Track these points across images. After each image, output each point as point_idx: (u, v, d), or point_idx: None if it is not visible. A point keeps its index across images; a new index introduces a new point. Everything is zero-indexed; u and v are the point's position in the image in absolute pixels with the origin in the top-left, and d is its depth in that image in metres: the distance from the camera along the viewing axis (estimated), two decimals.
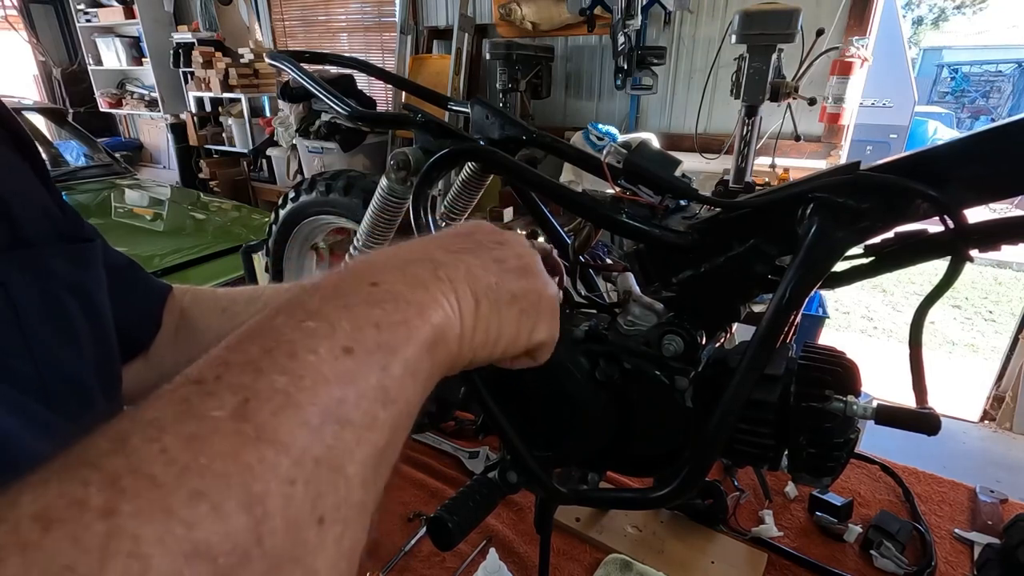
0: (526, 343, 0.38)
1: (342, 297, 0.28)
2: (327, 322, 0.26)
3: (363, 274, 0.30)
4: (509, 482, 0.59)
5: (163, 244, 2.77)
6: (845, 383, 0.52)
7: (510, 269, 0.37)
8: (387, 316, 0.28)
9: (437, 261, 0.34)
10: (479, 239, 0.38)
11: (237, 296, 0.65)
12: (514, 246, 0.39)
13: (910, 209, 0.48)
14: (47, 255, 0.42)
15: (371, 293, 0.29)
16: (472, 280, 0.34)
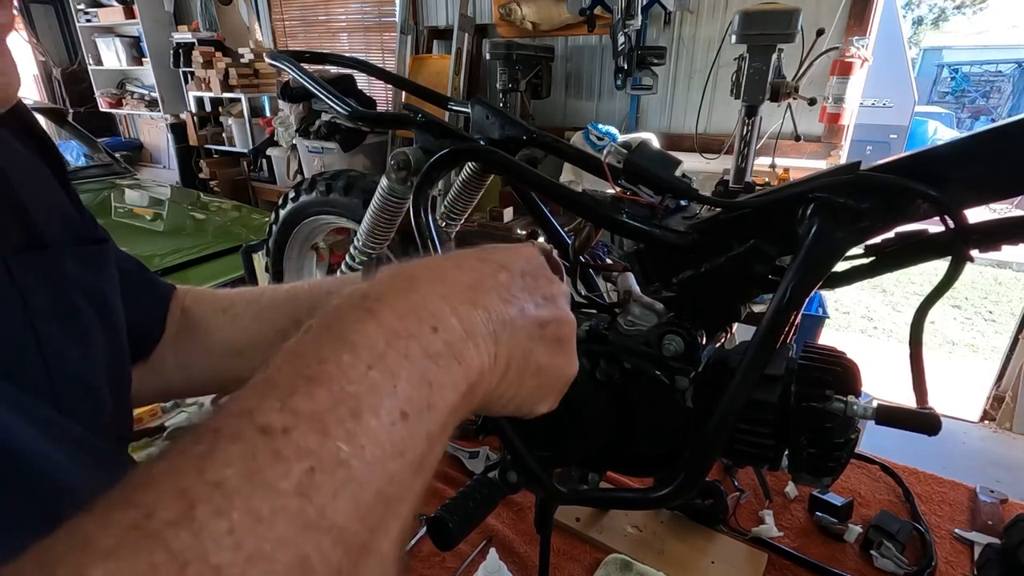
0: (529, 411, 0.38)
1: (404, 340, 0.27)
2: (390, 374, 0.26)
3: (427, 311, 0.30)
4: (509, 482, 0.59)
5: (163, 244, 2.77)
6: (845, 383, 0.52)
7: (548, 338, 0.36)
8: (440, 375, 0.28)
9: (492, 313, 0.33)
10: (529, 286, 0.36)
11: (237, 297, 0.65)
12: (561, 307, 0.38)
13: (910, 209, 0.48)
14: (62, 256, 0.42)
15: (431, 342, 0.28)
16: (513, 344, 0.34)
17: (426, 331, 0.29)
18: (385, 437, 0.24)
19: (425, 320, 0.29)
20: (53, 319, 0.39)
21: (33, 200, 0.42)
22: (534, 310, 0.36)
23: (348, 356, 0.25)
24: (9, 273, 0.37)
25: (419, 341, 0.28)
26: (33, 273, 0.39)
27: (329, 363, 0.25)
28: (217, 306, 0.64)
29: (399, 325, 0.28)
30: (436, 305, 0.30)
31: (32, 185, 0.43)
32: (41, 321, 0.38)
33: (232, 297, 0.65)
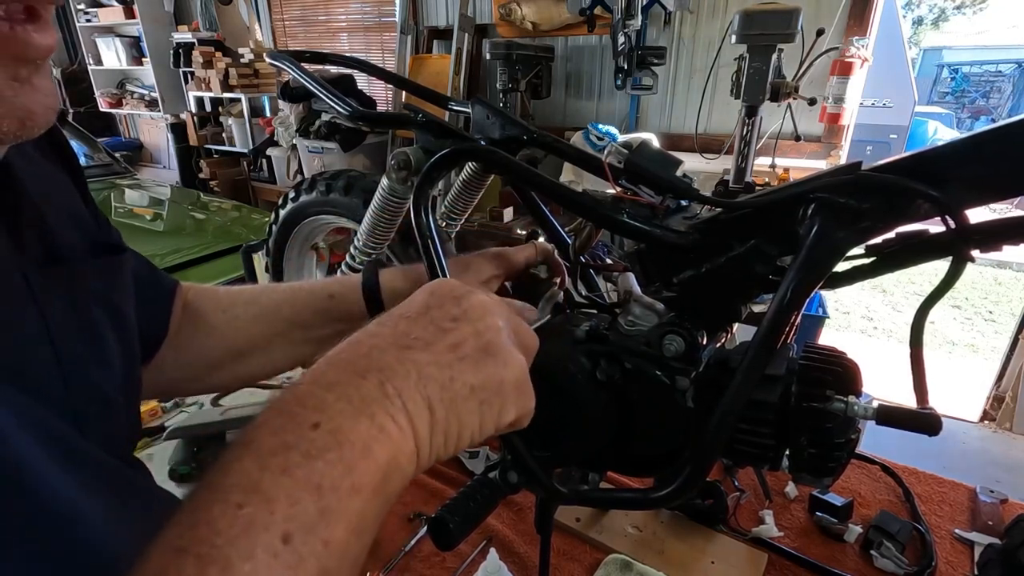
0: (494, 428, 0.37)
1: (282, 454, 0.27)
2: (264, 502, 0.26)
3: (306, 408, 0.29)
4: (509, 482, 0.59)
5: (163, 244, 2.77)
6: (846, 383, 0.52)
7: (466, 355, 0.35)
8: (329, 470, 0.28)
9: (386, 371, 0.32)
10: (434, 317, 0.36)
11: (237, 297, 0.65)
12: (473, 320, 0.37)
13: (911, 209, 0.48)
14: (80, 269, 0.42)
15: (312, 441, 0.28)
16: (424, 385, 0.33)
17: (305, 433, 0.28)
18: (265, 573, 0.24)
19: (304, 421, 0.29)
20: (71, 333, 0.39)
21: (53, 211, 0.42)
22: (441, 338, 0.35)
23: (218, 507, 0.25)
24: (30, 288, 0.37)
25: (298, 448, 0.28)
26: (53, 287, 0.39)
27: (199, 525, 0.25)
28: (217, 305, 0.64)
29: (274, 442, 0.28)
30: (319, 398, 0.30)
31: (51, 195, 0.43)
32: (59, 336, 0.38)
33: (232, 296, 0.65)
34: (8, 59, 0.28)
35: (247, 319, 0.64)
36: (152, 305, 0.56)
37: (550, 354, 0.56)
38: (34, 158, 0.43)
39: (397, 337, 0.35)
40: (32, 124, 0.30)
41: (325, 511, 0.27)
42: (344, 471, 0.28)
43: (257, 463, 0.27)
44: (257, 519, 0.25)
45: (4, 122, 0.28)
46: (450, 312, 0.37)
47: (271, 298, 0.65)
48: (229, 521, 0.25)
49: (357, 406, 0.30)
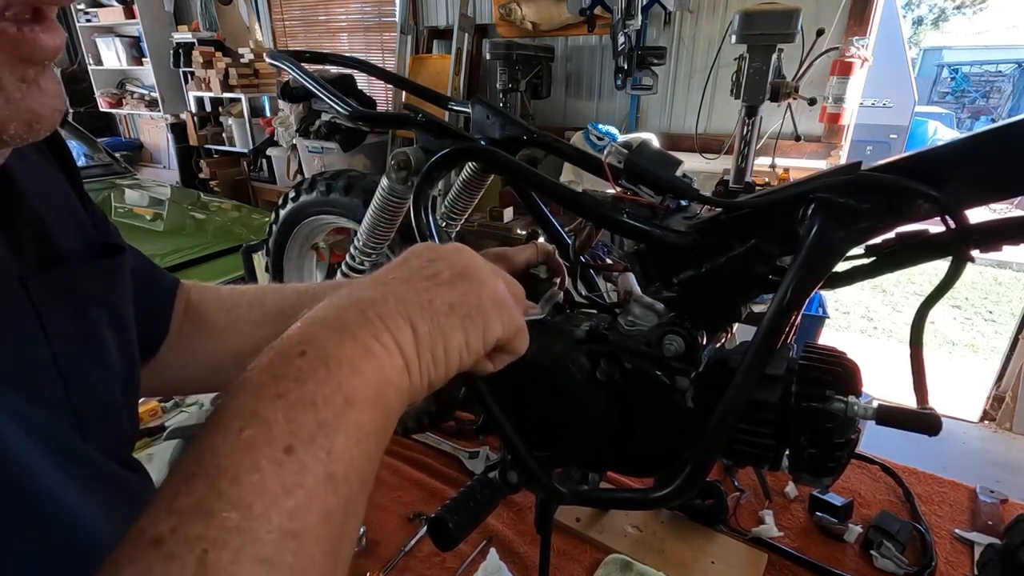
0: (481, 345, 0.38)
1: (273, 383, 0.29)
2: (263, 423, 0.27)
3: (292, 342, 0.31)
4: (509, 482, 0.59)
5: (163, 244, 2.77)
6: (846, 383, 0.52)
7: (443, 281, 0.37)
8: (320, 388, 0.29)
9: (365, 300, 0.34)
10: (411, 262, 0.39)
11: (240, 298, 0.65)
12: (447, 256, 0.39)
13: (911, 209, 0.48)
14: (79, 272, 0.42)
15: (300, 367, 0.30)
16: (403, 307, 0.35)
17: (293, 361, 0.30)
18: (272, 482, 0.26)
19: (291, 352, 0.30)
20: (71, 338, 0.39)
21: (50, 213, 0.42)
22: (418, 273, 0.37)
23: (220, 435, 0.27)
24: (28, 294, 0.37)
25: (287, 375, 0.29)
26: (51, 292, 0.39)
27: (204, 453, 0.26)
28: (221, 305, 0.64)
29: (265, 376, 0.29)
30: (303, 332, 0.32)
31: (49, 197, 0.43)
32: (59, 341, 0.38)
33: (236, 297, 0.65)
34: (16, 61, 0.27)
35: (251, 321, 0.63)
36: (153, 305, 0.56)
37: (551, 354, 0.57)
38: (31, 159, 0.43)
39: (376, 279, 0.37)
40: (39, 127, 0.30)
41: (322, 423, 0.28)
42: (335, 387, 0.30)
43: (252, 394, 0.29)
44: (258, 438, 0.27)
45: (12, 125, 0.28)
46: (426, 256, 0.39)
47: (276, 301, 0.64)
48: (232, 445, 0.26)
49: (340, 332, 0.32)
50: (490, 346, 0.39)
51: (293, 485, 0.26)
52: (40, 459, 0.29)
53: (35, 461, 0.29)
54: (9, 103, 0.28)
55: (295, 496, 0.26)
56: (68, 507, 0.29)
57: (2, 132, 0.28)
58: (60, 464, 0.30)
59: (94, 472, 0.34)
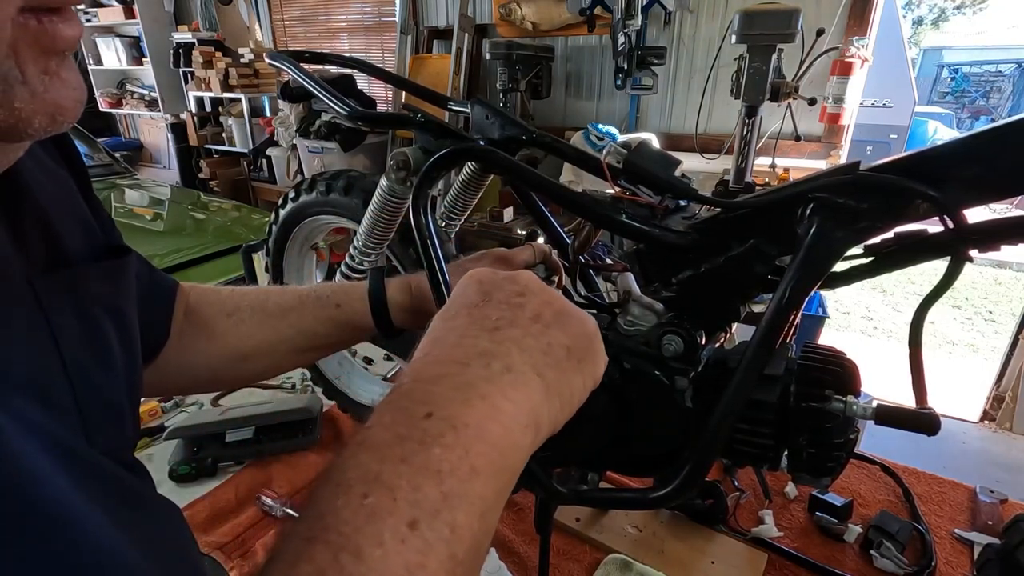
0: (593, 383, 0.38)
1: (398, 445, 0.28)
2: (387, 491, 0.26)
3: (417, 402, 0.30)
4: None
5: (163, 244, 2.77)
6: (845, 383, 0.52)
7: (551, 322, 0.36)
8: (446, 455, 0.28)
9: (487, 353, 0.33)
10: (500, 299, 0.37)
11: (241, 300, 0.64)
12: (536, 292, 0.38)
13: (910, 209, 0.48)
14: (85, 274, 0.42)
15: (426, 431, 0.29)
16: (527, 357, 0.34)
17: (419, 423, 0.29)
18: (395, 560, 0.25)
19: (416, 413, 0.29)
20: (78, 342, 0.39)
21: (58, 215, 0.42)
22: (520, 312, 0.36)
23: (342, 499, 0.26)
24: (36, 297, 0.36)
25: (413, 437, 0.28)
26: (58, 295, 0.38)
27: (326, 515, 0.26)
28: (222, 308, 0.63)
29: (388, 435, 0.29)
30: (426, 391, 0.31)
31: (56, 197, 0.43)
32: (66, 344, 0.37)
33: (237, 300, 0.64)
34: (38, 52, 0.27)
35: (252, 324, 0.63)
36: (153, 308, 0.56)
37: None
38: (39, 157, 0.43)
39: (479, 322, 0.35)
40: (62, 118, 0.30)
41: (447, 495, 0.27)
42: (461, 454, 0.29)
43: (375, 456, 0.28)
44: (382, 507, 0.26)
45: (36, 118, 0.28)
46: (512, 289, 0.37)
47: (277, 304, 0.64)
48: (354, 510, 0.26)
49: (466, 391, 0.31)
50: (599, 381, 0.39)
51: (416, 566, 0.25)
52: (49, 464, 0.29)
53: (43, 467, 0.29)
54: (34, 97, 0.27)
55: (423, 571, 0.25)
56: (75, 514, 0.29)
57: (27, 126, 0.28)
58: (68, 469, 0.30)
59: (100, 476, 0.34)
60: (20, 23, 0.26)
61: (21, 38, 0.26)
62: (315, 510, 0.26)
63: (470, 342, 0.34)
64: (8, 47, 0.25)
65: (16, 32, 0.25)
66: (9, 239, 0.36)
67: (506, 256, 0.67)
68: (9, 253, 0.36)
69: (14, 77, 0.26)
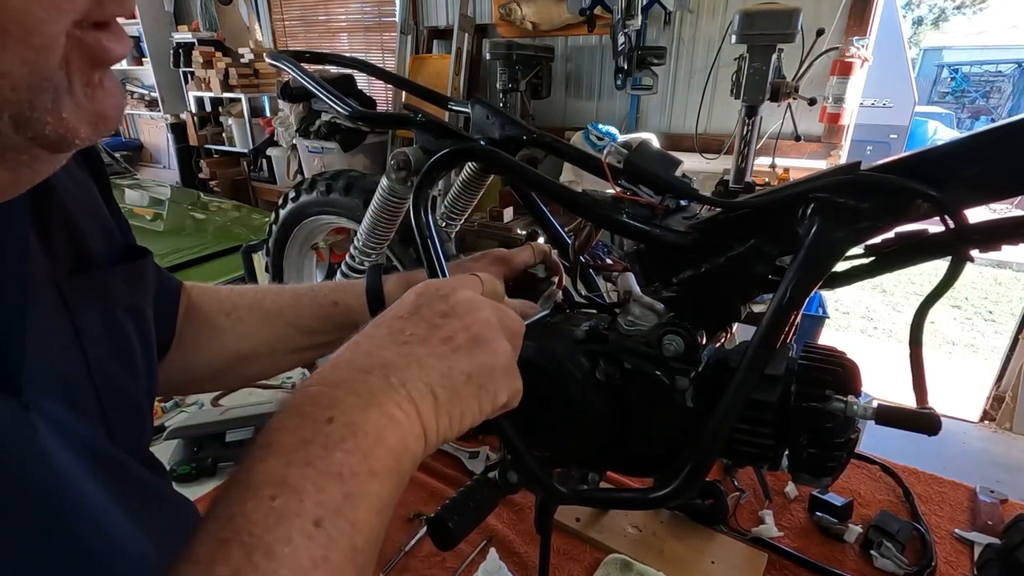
0: (491, 410, 0.39)
1: (303, 449, 0.30)
2: (293, 492, 0.28)
3: (320, 406, 0.32)
4: (509, 482, 0.59)
5: (163, 244, 2.77)
6: (845, 383, 0.52)
7: (459, 347, 0.38)
8: (347, 459, 0.30)
9: (389, 365, 0.35)
10: (425, 315, 0.39)
11: (240, 300, 0.65)
12: (461, 315, 0.39)
13: (910, 209, 0.48)
14: (108, 276, 0.43)
15: (329, 435, 0.31)
16: (425, 374, 0.36)
17: (322, 427, 0.31)
18: (303, 555, 0.27)
19: (319, 418, 0.31)
20: (101, 342, 0.40)
21: (82, 217, 0.42)
22: (434, 333, 0.38)
23: (252, 502, 0.28)
24: (63, 299, 0.37)
25: (316, 441, 0.30)
26: (83, 297, 0.39)
27: (237, 517, 0.27)
28: (221, 308, 0.64)
29: (293, 439, 0.30)
30: (329, 396, 0.33)
31: (79, 200, 0.43)
32: (91, 346, 0.38)
33: (235, 299, 0.65)
34: (86, 65, 0.28)
35: (250, 323, 0.64)
36: (161, 309, 0.56)
37: (550, 354, 0.57)
38: None
39: (393, 335, 0.38)
40: (104, 127, 0.31)
41: (349, 496, 0.29)
42: (361, 458, 0.31)
43: (282, 459, 0.30)
44: (289, 508, 0.28)
45: (82, 127, 0.29)
46: (439, 309, 0.39)
47: (275, 303, 0.65)
48: (264, 512, 0.27)
49: (366, 399, 0.33)
50: (497, 411, 0.40)
51: (320, 559, 0.27)
52: (76, 464, 0.30)
53: (73, 466, 0.30)
54: (79, 108, 0.28)
55: (322, 569, 0.27)
56: (101, 514, 0.30)
57: (74, 136, 0.29)
58: (95, 468, 0.31)
59: (123, 475, 0.35)
60: (75, 38, 0.27)
61: (74, 52, 0.27)
62: (227, 511, 0.28)
63: (378, 352, 0.36)
64: (60, 59, 0.26)
65: (68, 45, 0.26)
66: (37, 242, 0.37)
67: (506, 256, 0.67)
68: (37, 255, 0.36)
69: (63, 88, 0.27)
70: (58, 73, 0.27)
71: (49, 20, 0.25)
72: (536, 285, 0.67)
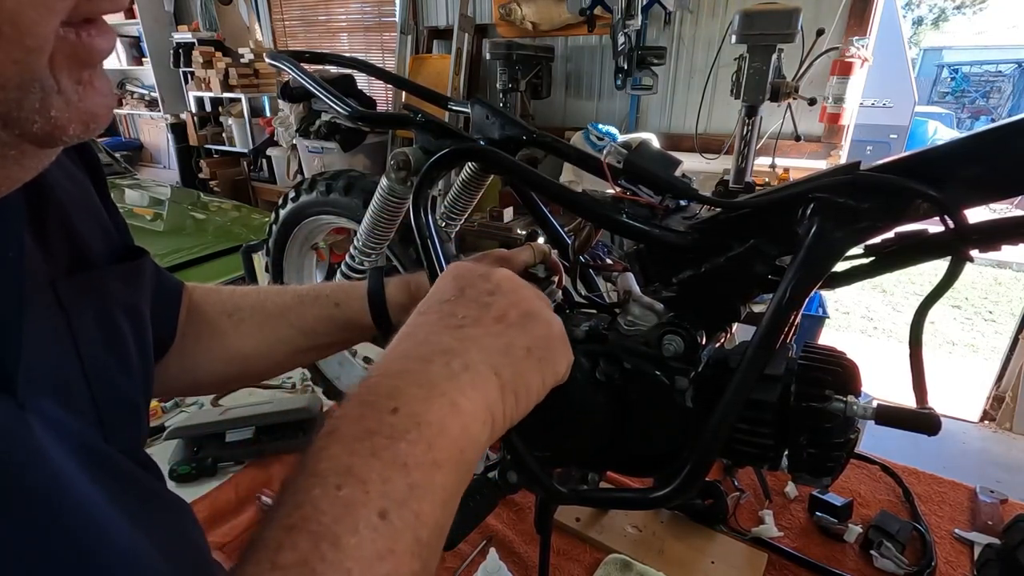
0: (553, 381, 0.40)
1: (368, 439, 0.30)
2: (359, 483, 0.29)
3: (383, 396, 0.32)
4: (509, 482, 0.59)
5: (163, 244, 2.77)
6: (845, 383, 0.52)
7: (514, 322, 0.38)
8: (412, 449, 0.30)
9: (449, 351, 0.35)
10: (471, 296, 0.39)
11: (242, 301, 0.64)
12: (506, 292, 0.39)
13: (910, 209, 0.48)
14: (104, 276, 0.43)
15: (393, 426, 0.31)
16: (486, 355, 0.36)
17: (386, 418, 0.31)
18: (368, 548, 0.27)
19: (382, 408, 0.31)
20: (97, 343, 0.39)
21: (79, 216, 0.42)
22: (486, 312, 0.38)
23: (318, 489, 0.28)
24: (58, 298, 0.37)
25: (381, 432, 0.30)
26: (79, 297, 0.39)
27: (305, 505, 0.28)
28: (223, 309, 0.63)
29: (358, 429, 0.31)
30: (392, 386, 0.33)
31: (76, 199, 0.43)
32: (86, 346, 0.38)
33: (237, 300, 0.64)
34: (74, 64, 0.28)
35: (252, 325, 0.63)
36: (161, 309, 0.56)
37: None
38: (60, 159, 0.43)
39: (445, 319, 0.37)
40: (95, 125, 0.30)
41: (413, 487, 0.30)
42: (425, 449, 0.31)
43: (346, 449, 0.30)
44: (356, 498, 0.28)
45: (71, 126, 0.29)
46: (483, 288, 0.39)
47: (277, 304, 0.64)
48: (330, 501, 0.28)
49: (428, 389, 0.33)
50: (560, 381, 0.41)
51: (386, 551, 0.28)
52: (72, 464, 0.30)
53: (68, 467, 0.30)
54: (69, 106, 0.28)
55: (387, 562, 0.27)
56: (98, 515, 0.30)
57: (62, 133, 0.28)
58: (90, 469, 0.31)
59: (119, 475, 0.35)
60: (60, 36, 0.26)
61: (59, 50, 0.27)
62: (293, 499, 0.28)
63: (435, 339, 0.36)
64: (48, 59, 0.26)
65: (56, 45, 0.26)
66: (33, 241, 0.37)
67: (506, 256, 0.67)
68: (33, 255, 0.36)
69: (50, 87, 0.27)
70: (46, 73, 0.26)
71: (41, 21, 0.24)
72: (536, 285, 0.67)
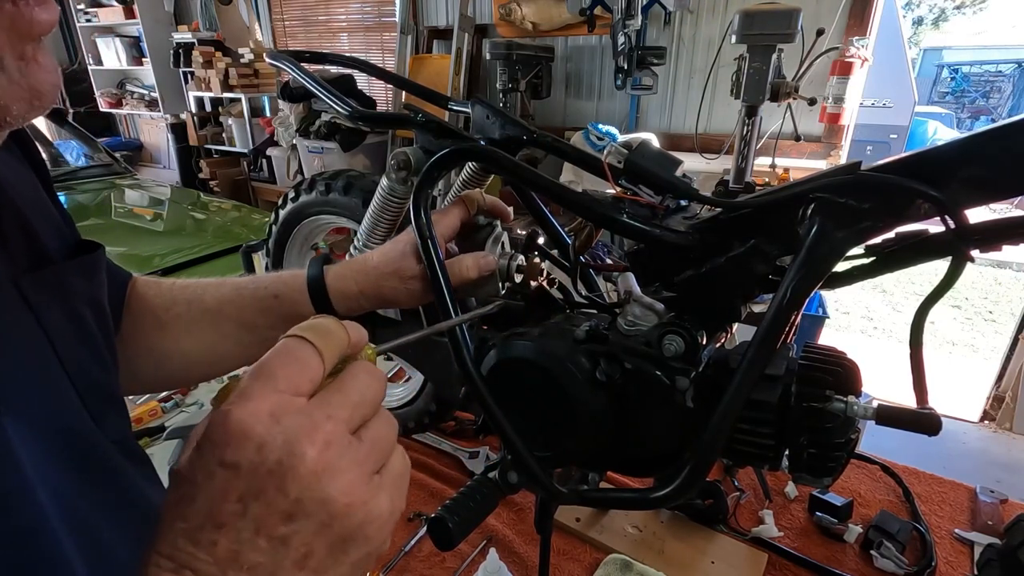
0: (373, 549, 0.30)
1: None
2: None
3: None
4: (509, 482, 0.59)
5: (163, 244, 2.76)
6: (845, 383, 0.52)
7: (322, 561, 0.28)
8: None
9: None
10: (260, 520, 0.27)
11: (179, 293, 0.62)
12: (310, 511, 0.27)
13: (911, 209, 0.48)
14: (65, 272, 0.42)
15: None
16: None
17: None
18: None
19: None
20: (68, 336, 0.39)
21: (33, 214, 0.42)
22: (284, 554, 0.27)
23: None
24: (23, 297, 0.37)
25: None
26: (43, 292, 0.39)
27: None
28: (160, 302, 0.61)
29: None
30: None
31: (27, 196, 0.43)
32: (58, 340, 0.38)
33: (175, 294, 0.62)
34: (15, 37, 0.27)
35: (190, 318, 0.61)
36: (110, 301, 0.55)
37: (550, 354, 0.57)
38: (3, 157, 0.43)
39: (223, 563, 0.26)
40: (39, 103, 0.29)
41: None
42: None
43: None
44: None
45: (14, 105, 0.28)
46: (278, 506, 0.27)
47: (215, 297, 0.62)
48: None
49: None
50: None
51: None
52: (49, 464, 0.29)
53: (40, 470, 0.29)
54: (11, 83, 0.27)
55: None
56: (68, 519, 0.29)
57: (6, 113, 0.28)
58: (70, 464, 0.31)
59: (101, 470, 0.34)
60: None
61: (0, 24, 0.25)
62: None
63: None
64: None
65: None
66: None
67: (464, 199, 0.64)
68: None
69: None
70: None
71: None
72: (479, 232, 0.68)
